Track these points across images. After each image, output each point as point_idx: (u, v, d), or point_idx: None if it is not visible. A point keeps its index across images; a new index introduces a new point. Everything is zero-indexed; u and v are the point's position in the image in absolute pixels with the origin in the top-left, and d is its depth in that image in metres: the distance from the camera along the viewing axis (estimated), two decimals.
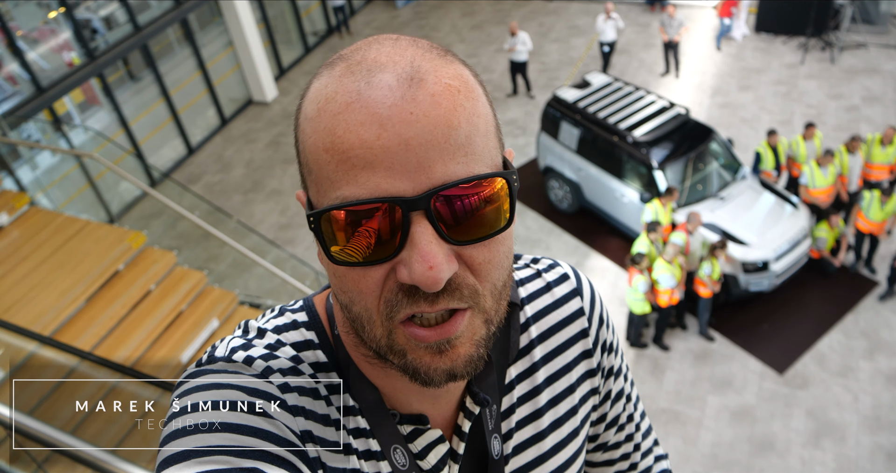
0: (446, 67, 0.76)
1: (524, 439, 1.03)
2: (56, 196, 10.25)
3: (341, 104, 0.73)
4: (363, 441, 0.89)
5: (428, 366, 0.77)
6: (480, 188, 0.74)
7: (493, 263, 0.77)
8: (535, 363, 1.03)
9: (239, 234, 8.88)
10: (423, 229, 0.71)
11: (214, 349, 0.88)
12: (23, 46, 10.37)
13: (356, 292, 0.76)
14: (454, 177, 0.72)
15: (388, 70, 0.73)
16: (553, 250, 10.21)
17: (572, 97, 10.22)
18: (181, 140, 13.43)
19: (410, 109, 0.71)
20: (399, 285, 0.74)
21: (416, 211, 0.71)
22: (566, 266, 1.10)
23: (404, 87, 0.72)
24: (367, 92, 0.72)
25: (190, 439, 0.74)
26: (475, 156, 0.74)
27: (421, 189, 0.71)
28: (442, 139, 0.71)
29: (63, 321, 6.43)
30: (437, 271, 0.70)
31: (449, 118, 0.72)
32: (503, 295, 0.81)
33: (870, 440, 7.48)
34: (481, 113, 0.77)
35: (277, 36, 15.72)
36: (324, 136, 0.73)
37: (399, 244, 0.72)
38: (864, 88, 12.64)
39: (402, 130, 0.70)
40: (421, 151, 0.70)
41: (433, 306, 0.74)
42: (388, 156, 0.70)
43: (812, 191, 9.17)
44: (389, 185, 0.70)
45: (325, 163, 0.73)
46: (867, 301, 8.89)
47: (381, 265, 0.74)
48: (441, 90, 0.73)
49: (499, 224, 0.76)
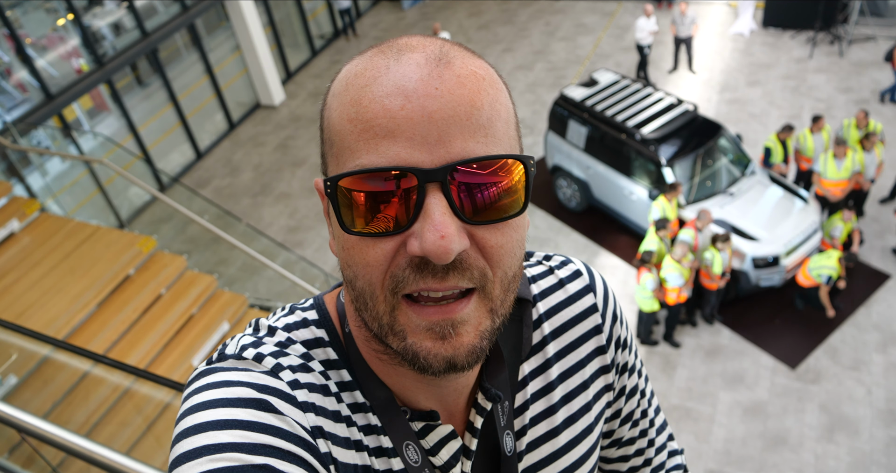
0: (473, 59, 0.79)
1: (538, 435, 1.03)
2: (66, 202, 10.32)
3: (369, 78, 0.75)
4: (374, 437, 0.89)
5: (428, 351, 0.76)
6: (497, 169, 0.74)
7: (504, 249, 0.77)
8: (548, 360, 1.03)
9: (248, 237, 8.91)
10: (438, 201, 0.71)
11: (225, 347, 0.88)
12: (32, 54, 10.44)
13: (362, 265, 0.76)
14: (473, 154, 0.72)
15: (418, 51, 0.76)
16: (562, 248, 10.19)
17: (580, 96, 10.21)
18: (189, 145, 13.49)
19: (436, 85, 0.72)
20: (408, 260, 0.73)
21: (432, 183, 0.71)
22: (579, 263, 1.10)
23: (432, 65, 0.74)
24: (395, 67, 0.74)
25: (201, 436, 0.74)
26: (495, 139, 0.75)
27: (439, 162, 0.71)
28: (464, 117, 0.72)
29: (75, 326, 6.48)
30: (449, 240, 0.70)
31: (473, 98, 0.74)
32: (512, 288, 0.81)
33: (884, 433, 7.43)
34: (504, 103, 0.79)
35: (284, 39, 15.77)
36: (349, 107, 0.75)
37: (412, 216, 0.72)
38: (873, 81, 12.56)
39: (426, 103, 0.71)
40: (443, 124, 0.71)
41: (442, 282, 0.74)
42: (411, 127, 0.71)
43: (824, 181, 9.12)
44: (409, 155, 0.71)
45: (348, 133, 0.75)
46: (879, 294, 8.84)
47: (391, 238, 0.74)
48: (467, 74, 0.75)
49: (513, 209, 0.76)
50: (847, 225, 8.80)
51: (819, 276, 8.20)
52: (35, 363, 5.85)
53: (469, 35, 16.29)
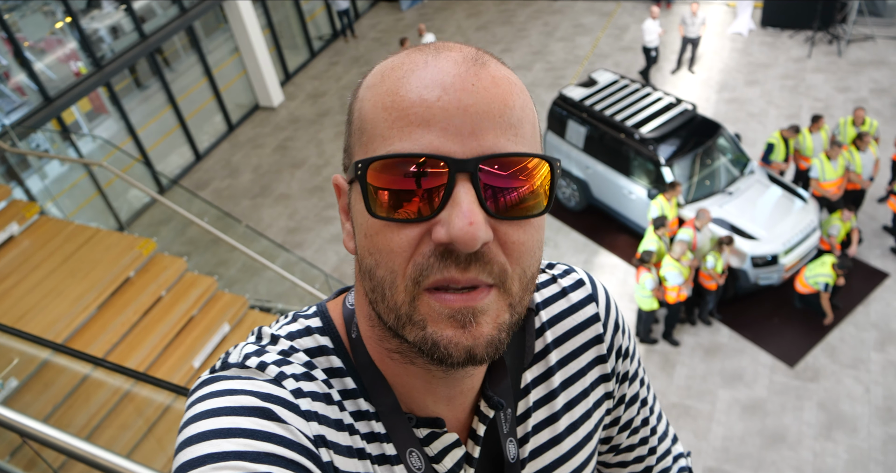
0: (505, 67, 0.83)
1: (541, 442, 1.03)
2: (66, 205, 10.33)
3: (407, 70, 0.77)
4: (377, 445, 0.89)
5: (449, 340, 0.76)
6: (524, 168, 0.76)
7: (526, 246, 0.78)
8: (550, 368, 1.04)
9: (248, 239, 8.92)
10: (467, 191, 0.72)
11: (228, 356, 0.88)
12: (30, 57, 10.45)
13: (386, 252, 0.76)
14: (504, 149, 0.74)
15: (455, 51, 0.79)
16: (562, 248, 10.21)
17: (578, 96, 10.22)
18: (189, 147, 13.50)
19: (472, 82, 0.75)
20: (432, 248, 0.74)
21: (462, 173, 0.73)
22: (581, 272, 1.10)
23: (469, 63, 0.77)
24: (433, 62, 0.77)
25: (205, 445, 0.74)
26: (524, 139, 0.77)
27: (470, 153, 0.73)
28: (497, 113, 0.75)
29: (75, 329, 6.48)
30: (476, 228, 0.71)
31: (506, 98, 0.76)
32: (529, 287, 0.82)
33: (882, 431, 7.45)
34: (532, 109, 0.82)
35: (283, 41, 15.78)
36: (385, 96, 0.77)
37: (440, 204, 0.73)
38: (871, 81, 12.57)
39: (462, 97, 0.74)
40: (477, 118, 0.74)
41: (464, 273, 0.74)
42: (446, 117, 0.73)
43: (822, 184, 9.14)
44: (441, 144, 0.73)
45: (382, 120, 0.76)
46: (878, 293, 8.85)
47: (417, 225, 0.74)
48: (501, 76, 0.79)
49: (537, 208, 0.78)
50: (845, 224, 8.81)
51: (816, 284, 8.24)
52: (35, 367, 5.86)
53: (468, 36, 16.30)
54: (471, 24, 16.84)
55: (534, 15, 16.76)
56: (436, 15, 17.54)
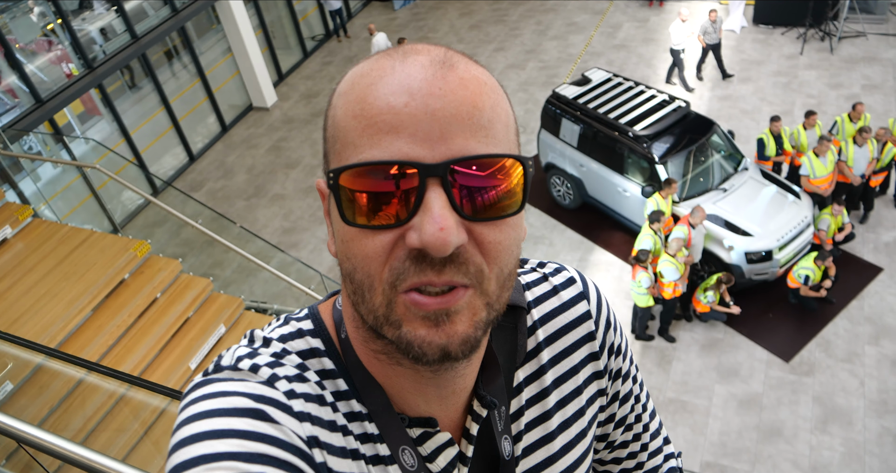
0: (476, 66, 0.81)
1: (533, 440, 1.04)
2: (59, 207, 10.28)
3: (375, 77, 0.77)
4: (371, 446, 0.89)
5: (423, 339, 0.76)
6: (496, 168, 0.76)
7: (502, 245, 0.78)
8: (542, 366, 1.04)
9: (243, 239, 8.90)
10: (438, 196, 0.72)
11: (220, 359, 0.88)
12: (21, 59, 10.41)
13: (361, 258, 0.77)
14: (473, 152, 0.74)
15: (423, 54, 0.78)
16: (556, 246, 10.22)
17: (572, 94, 10.23)
18: (182, 148, 13.46)
19: (440, 85, 0.74)
20: (407, 252, 0.74)
21: (433, 178, 0.72)
22: (572, 270, 1.11)
23: (436, 66, 0.76)
24: (400, 67, 0.76)
25: (198, 446, 0.74)
26: (495, 139, 0.76)
27: (440, 158, 0.73)
28: (466, 116, 0.74)
29: (70, 332, 6.46)
30: (448, 233, 0.71)
31: (475, 100, 0.75)
32: (507, 285, 0.82)
33: (877, 424, 7.48)
34: (505, 108, 0.81)
35: (276, 41, 15.75)
36: (354, 104, 0.77)
37: (412, 209, 0.73)
38: (863, 77, 12.61)
39: (429, 101, 0.73)
40: (445, 122, 0.73)
41: (440, 276, 0.74)
42: (413, 123, 0.73)
43: (813, 180, 9.17)
44: (410, 150, 0.72)
45: (352, 129, 0.76)
46: (871, 287, 8.89)
47: (391, 230, 0.75)
48: (470, 77, 0.77)
49: (511, 208, 0.77)
50: (836, 219, 8.85)
51: (798, 277, 8.34)
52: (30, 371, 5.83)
53: (461, 35, 16.30)
54: (463, 23, 16.83)
55: (526, 14, 16.76)
56: (428, 14, 17.53)
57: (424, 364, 0.78)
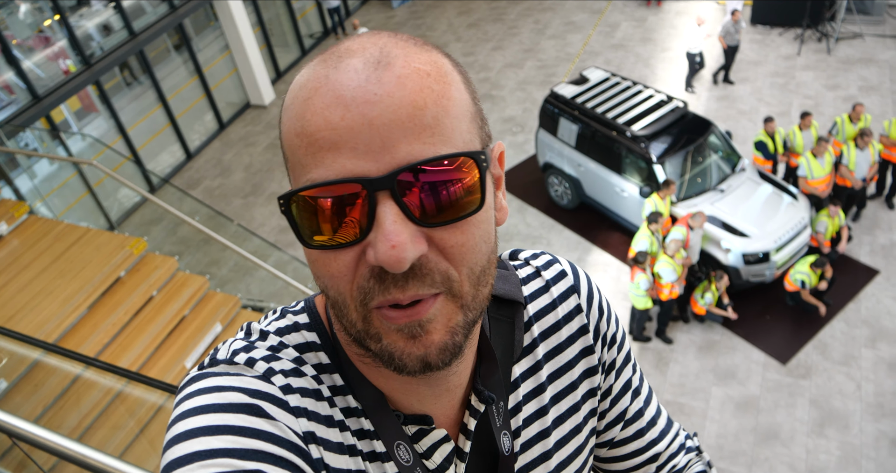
0: (419, 54, 0.76)
1: (531, 436, 1.03)
2: (55, 204, 10.26)
3: (310, 90, 0.74)
4: (367, 442, 0.88)
5: (402, 351, 0.76)
6: (448, 168, 0.72)
7: (466, 246, 0.75)
8: (538, 361, 1.03)
9: (240, 238, 8.89)
10: (388, 209, 0.70)
11: (217, 352, 0.87)
12: (18, 55, 10.37)
13: (328, 277, 0.76)
14: (419, 157, 0.71)
15: (357, 55, 0.74)
16: (554, 246, 10.21)
17: (570, 93, 10.22)
18: (179, 145, 13.44)
19: (375, 91, 0.71)
20: (370, 270, 0.73)
21: (382, 191, 0.70)
22: (564, 263, 1.09)
23: (370, 69, 0.72)
24: (333, 76, 0.73)
25: (193, 442, 0.74)
26: (443, 137, 0.72)
27: (385, 169, 0.70)
28: (406, 119, 0.70)
29: (66, 329, 6.44)
30: (401, 249, 0.69)
31: (414, 99, 0.71)
32: (482, 281, 0.79)
33: (873, 427, 7.49)
34: (453, 97, 0.75)
35: (274, 39, 15.73)
36: (295, 121, 0.74)
37: (367, 226, 0.71)
38: (860, 78, 12.63)
39: (365, 110, 0.70)
40: (385, 130, 0.70)
41: (404, 292, 0.73)
42: (353, 136, 0.70)
43: (810, 181, 9.17)
44: (354, 165, 0.70)
45: (297, 147, 0.74)
46: (868, 290, 8.90)
47: (350, 248, 0.73)
48: (408, 73, 0.73)
49: (470, 207, 0.75)
50: (833, 221, 8.85)
51: (796, 281, 8.35)
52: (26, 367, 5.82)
53: (459, 33, 16.29)
54: (462, 21, 16.83)
55: (524, 12, 16.76)
56: (427, 12, 17.52)
57: (407, 374, 0.78)
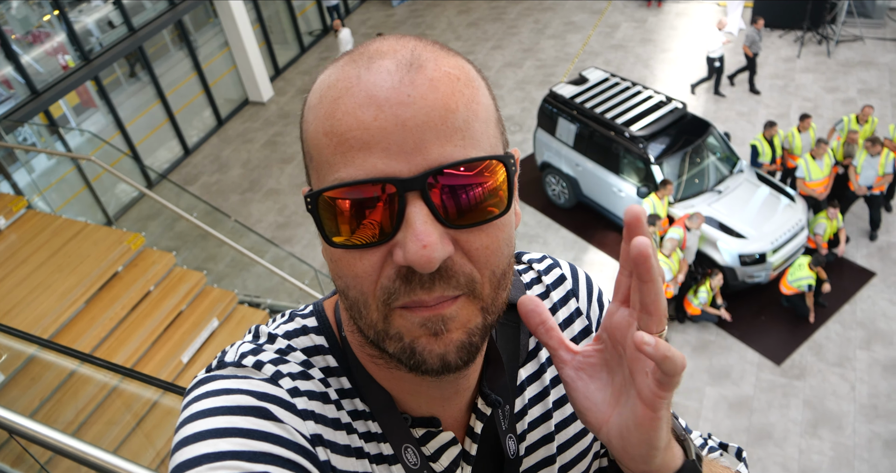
0: (448, 59, 0.77)
1: (536, 439, 1.03)
2: (53, 199, 10.25)
3: (341, 89, 0.74)
4: (375, 445, 0.88)
5: (423, 348, 0.75)
6: (477, 172, 0.73)
7: (491, 249, 0.76)
8: (542, 365, 1.04)
9: (237, 234, 8.90)
10: (419, 210, 0.70)
11: (224, 354, 0.88)
12: (17, 50, 10.36)
13: (352, 277, 0.76)
14: (451, 159, 0.71)
15: (389, 57, 0.74)
16: (551, 245, 10.23)
17: (569, 93, 10.23)
18: (178, 141, 13.43)
19: (408, 92, 0.71)
20: (396, 270, 0.73)
21: (412, 192, 0.71)
22: (564, 266, 1.10)
23: (403, 71, 0.72)
24: (366, 76, 0.73)
25: (201, 444, 0.74)
26: (473, 140, 0.73)
27: (417, 170, 0.70)
28: (439, 121, 0.71)
29: (63, 324, 6.45)
30: (431, 249, 0.69)
31: (447, 102, 0.72)
32: (502, 285, 0.80)
33: (867, 428, 7.51)
34: (481, 102, 0.77)
35: (273, 36, 15.71)
36: (323, 121, 0.74)
37: (395, 226, 0.71)
38: (860, 81, 12.65)
39: (398, 112, 0.70)
40: (417, 132, 0.70)
41: (430, 293, 0.73)
42: (385, 137, 0.70)
43: (808, 183, 9.19)
44: (385, 165, 0.70)
45: (325, 147, 0.74)
46: (864, 292, 8.92)
47: (377, 249, 0.73)
48: (440, 76, 0.73)
49: (497, 210, 0.75)
50: (832, 223, 8.87)
51: (800, 286, 8.35)
52: (22, 362, 5.82)
53: (458, 32, 16.29)
54: (461, 20, 16.82)
55: (524, 12, 16.76)
56: (426, 11, 17.51)
57: (423, 373, 0.77)
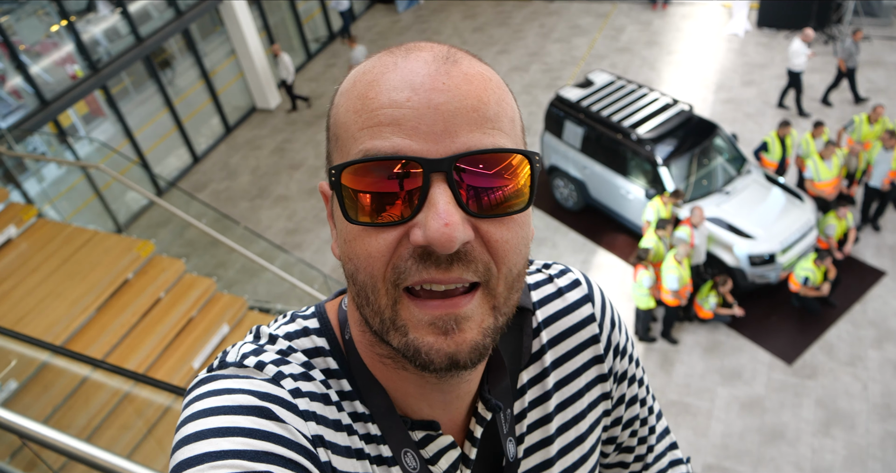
0: (480, 63, 0.80)
1: (533, 442, 1.03)
2: (63, 208, 10.32)
3: (377, 74, 0.76)
4: (374, 446, 0.88)
5: (430, 346, 0.75)
6: (502, 164, 0.74)
7: (510, 244, 0.76)
8: (545, 368, 1.03)
9: (247, 240, 8.93)
10: (442, 192, 0.71)
11: (226, 355, 0.88)
12: (26, 60, 10.44)
13: (364, 256, 0.75)
14: (479, 145, 0.72)
15: (426, 51, 0.77)
16: (560, 247, 10.22)
17: (575, 96, 10.24)
18: (186, 149, 13.49)
19: (443, 81, 0.73)
20: (411, 250, 0.73)
21: (437, 173, 0.71)
22: (577, 272, 1.10)
23: (440, 62, 0.75)
24: (402, 63, 0.75)
25: (202, 443, 0.74)
26: (502, 132, 0.75)
27: (444, 153, 0.71)
28: (471, 110, 0.73)
29: (74, 331, 6.48)
30: (453, 228, 0.69)
31: (480, 94, 0.74)
32: (516, 286, 0.80)
33: (880, 427, 7.47)
34: (510, 103, 0.80)
35: (279, 43, 15.77)
36: (356, 100, 0.76)
37: (417, 206, 0.72)
38: (867, 81, 12.59)
39: (432, 96, 0.72)
40: (449, 116, 0.72)
41: (446, 273, 0.73)
42: (416, 117, 0.71)
43: (817, 184, 9.15)
44: (413, 144, 0.71)
45: (353, 123, 0.75)
46: (874, 291, 8.87)
47: (394, 228, 0.73)
48: (474, 73, 0.76)
49: (518, 205, 0.76)
50: (841, 223, 8.83)
51: (799, 277, 8.34)
52: (35, 369, 5.85)
53: (464, 37, 16.32)
54: (467, 25, 16.85)
55: (530, 16, 16.77)
56: (432, 16, 17.55)
57: (431, 372, 0.77)
